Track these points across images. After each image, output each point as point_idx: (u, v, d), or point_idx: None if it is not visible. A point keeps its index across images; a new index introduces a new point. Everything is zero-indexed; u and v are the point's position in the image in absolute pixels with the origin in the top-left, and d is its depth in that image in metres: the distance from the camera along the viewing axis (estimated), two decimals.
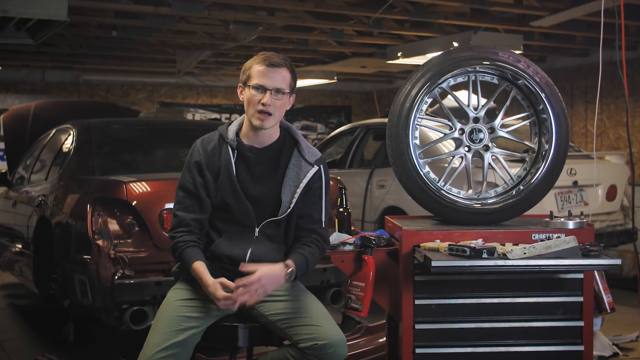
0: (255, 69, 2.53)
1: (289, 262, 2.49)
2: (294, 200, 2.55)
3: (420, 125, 2.92)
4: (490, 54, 2.88)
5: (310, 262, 2.54)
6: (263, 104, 2.49)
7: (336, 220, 3.01)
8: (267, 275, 2.40)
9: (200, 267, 2.47)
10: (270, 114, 2.51)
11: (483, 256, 2.45)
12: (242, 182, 2.55)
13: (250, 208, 2.55)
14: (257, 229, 2.57)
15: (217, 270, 2.54)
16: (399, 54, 7.61)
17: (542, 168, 2.91)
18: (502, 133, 2.95)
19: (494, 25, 7.14)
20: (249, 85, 2.53)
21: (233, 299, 2.37)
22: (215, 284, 2.41)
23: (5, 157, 6.39)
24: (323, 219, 2.62)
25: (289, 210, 2.56)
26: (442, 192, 2.89)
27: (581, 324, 2.74)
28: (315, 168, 2.58)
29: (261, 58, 2.54)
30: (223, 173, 2.55)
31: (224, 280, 2.42)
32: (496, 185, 3.05)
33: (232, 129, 2.60)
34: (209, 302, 2.47)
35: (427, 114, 2.95)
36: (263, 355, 2.56)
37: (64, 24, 5.20)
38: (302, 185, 2.56)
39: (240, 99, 2.59)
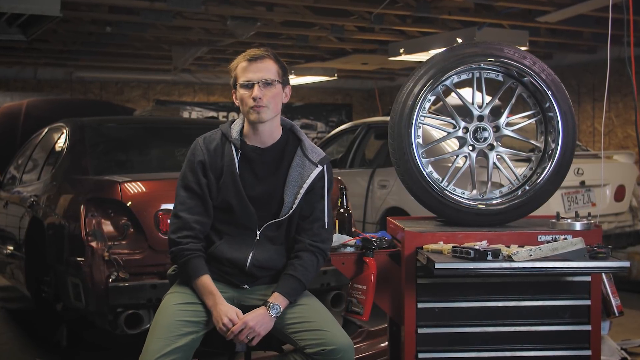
0: (239, 67, 2.52)
1: (273, 297, 2.43)
2: (297, 201, 2.52)
3: (423, 124, 2.88)
4: (495, 50, 2.84)
5: (304, 278, 2.49)
6: (254, 99, 2.46)
7: (337, 221, 2.98)
8: (253, 320, 2.38)
9: (210, 283, 2.44)
10: (264, 106, 2.47)
11: (488, 258, 2.41)
12: (245, 183, 2.52)
13: (253, 210, 2.51)
14: (258, 232, 2.53)
15: (216, 273, 2.51)
16: (401, 51, 7.59)
17: (549, 168, 2.86)
18: (507, 132, 2.91)
19: (499, 20, 7.11)
20: (238, 85, 2.51)
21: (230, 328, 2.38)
22: (231, 309, 2.40)
23: None
24: (326, 219, 2.57)
25: (291, 210, 2.52)
26: (446, 192, 2.85)
27: (588, 328, 2.70)
28: (320, 168, 2.56)
29: (242, 55, 2.54)
30: (226, 173, 2.51)
31: (233, 315, 2.39)
32: (501, 186, 3.01)
33: (235, 128, 2.56)
34: None
35: (430, 112, 2.91)
36: None
37: (57, 19, 5.17)
38: (305, 186, 2.53)
39: (236, 103, 2.57)
